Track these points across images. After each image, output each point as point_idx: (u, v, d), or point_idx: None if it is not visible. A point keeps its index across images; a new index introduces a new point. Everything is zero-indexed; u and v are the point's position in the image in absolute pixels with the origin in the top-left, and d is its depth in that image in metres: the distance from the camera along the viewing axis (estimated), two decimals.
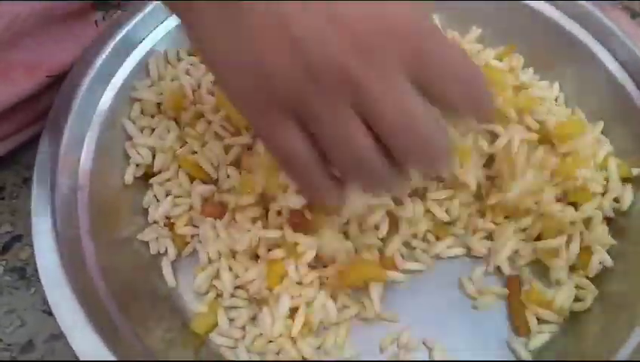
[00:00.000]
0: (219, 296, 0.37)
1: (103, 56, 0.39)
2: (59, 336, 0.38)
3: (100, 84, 0.39)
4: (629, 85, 0.41)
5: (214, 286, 0.37)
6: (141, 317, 0.35)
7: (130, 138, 0.40)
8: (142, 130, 0.40)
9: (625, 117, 0.41)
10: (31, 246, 0.35)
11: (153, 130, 0.40)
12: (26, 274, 0.40)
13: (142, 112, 0.41)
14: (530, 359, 0.36)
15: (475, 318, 0.37)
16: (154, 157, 0.40)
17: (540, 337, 0.36)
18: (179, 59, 0.43)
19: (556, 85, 0.43)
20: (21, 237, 0.41)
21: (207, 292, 0.37)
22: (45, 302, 0.38)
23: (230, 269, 0.37)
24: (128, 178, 0.39)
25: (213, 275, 0.37)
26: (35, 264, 0.34)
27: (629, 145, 0.40)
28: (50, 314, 0.38)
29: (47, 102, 0.40)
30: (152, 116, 0.41)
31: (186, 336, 0.36)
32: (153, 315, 0.36)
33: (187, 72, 0.42)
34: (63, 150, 0.37)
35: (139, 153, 0.40)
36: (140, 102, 0.41)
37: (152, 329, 0.35)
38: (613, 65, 0.41)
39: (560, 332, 0.37)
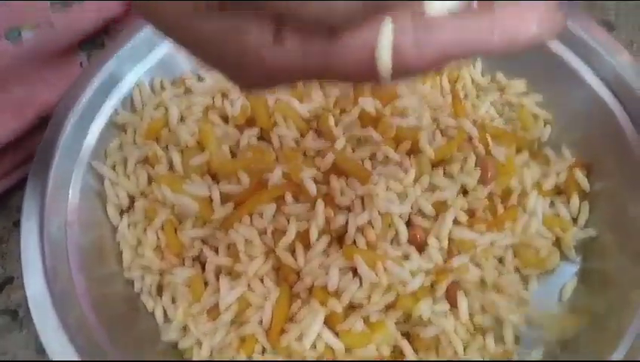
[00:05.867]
0: None
1: (88, 93, 0.40)
2: None
3: (85, 120, 0.39)
4: (609, 99, 0.39)
5: None
6: (134, 349, 0.34)
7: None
8: (122, 162, 0.40)
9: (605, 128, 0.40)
10: (22, 288, 0.34)
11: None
12: (19, 316, 0.39)
13: (120, 147, 0.41)
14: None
15: None
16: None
17: None
18: (163, 89, 0.43)
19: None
20: (12, 280, 0.41)
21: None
22: (38, 342, 0.38)
23: None
24: (115, 221, 0.39)
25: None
26: (27, 305, 0.34)
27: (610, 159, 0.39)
28: (44, 352, 0.37)
29: (37, 143, 0.40)
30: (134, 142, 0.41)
31: None
32: (146, 346, 0.35)
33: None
34: (51, 187, 0.37)
35: (117, 195, 0.39)
36: (119, 138, 0.41)
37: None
38: (594, 81, 0.40)
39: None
